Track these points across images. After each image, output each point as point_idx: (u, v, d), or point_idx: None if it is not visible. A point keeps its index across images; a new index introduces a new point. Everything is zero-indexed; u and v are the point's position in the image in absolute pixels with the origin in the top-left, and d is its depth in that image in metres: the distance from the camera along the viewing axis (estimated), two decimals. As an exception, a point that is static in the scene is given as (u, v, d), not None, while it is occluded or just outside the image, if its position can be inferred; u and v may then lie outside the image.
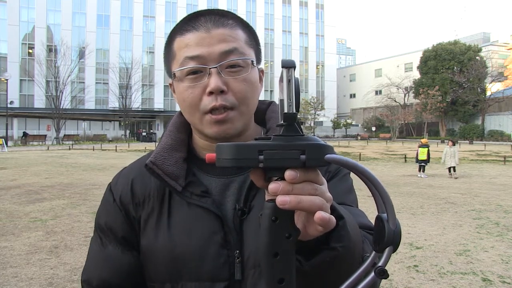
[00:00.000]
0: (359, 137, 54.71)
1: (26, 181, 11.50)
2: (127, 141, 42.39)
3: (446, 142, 14.78)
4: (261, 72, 0.85)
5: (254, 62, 0.79)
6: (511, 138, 41.41)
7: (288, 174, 0.46)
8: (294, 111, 0.47)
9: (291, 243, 0.48)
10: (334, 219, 0.50)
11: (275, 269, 0.47)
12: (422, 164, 13.43)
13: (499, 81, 51.50)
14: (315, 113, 54.81)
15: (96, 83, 52.66)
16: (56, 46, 47.74)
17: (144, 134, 47.42)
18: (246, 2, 59.72)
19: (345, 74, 74.52)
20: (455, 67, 49.15)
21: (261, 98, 0.89)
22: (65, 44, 44.89)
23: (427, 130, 50.24)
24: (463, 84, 47.39)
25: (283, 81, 0.47)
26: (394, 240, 0.48)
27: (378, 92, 61.76)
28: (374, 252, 0.51)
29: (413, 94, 53.34)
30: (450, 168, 13.18)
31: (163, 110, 53.51)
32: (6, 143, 29.49)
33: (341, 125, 58.11)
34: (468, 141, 42.15)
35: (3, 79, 38.10)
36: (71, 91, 45.24)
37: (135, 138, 48.07)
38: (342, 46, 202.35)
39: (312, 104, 53.70)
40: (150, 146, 31.20)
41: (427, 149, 13.41)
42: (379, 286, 0.74)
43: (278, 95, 0.50)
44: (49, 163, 17.37)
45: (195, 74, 0.75)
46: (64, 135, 41.39)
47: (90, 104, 50.75)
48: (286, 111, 0.47)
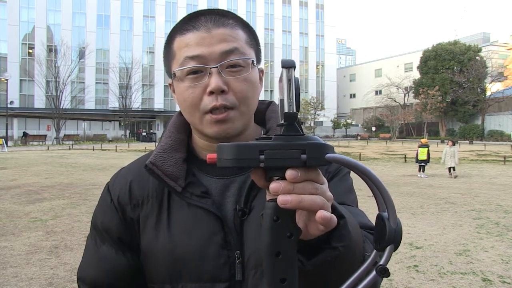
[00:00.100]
0: (359, 137, 54.70)
1: (26, 181, 11.50)
2: (127, 141, 42.38)
3: (446, 142, 14.77)
4: (261, 72, 0.84)
5: (255, 62, 0.79)
6: (511, 138, 41.41)
7: (289, 174, 0.46)
8: (295, 111, 0.47)
9: (293, 243, 0.48)
10: (335, 218, 0.50)
11: (277, 269, 0.47)
12: (422, 164, 13.43)
13: (499, 81, 51.50)
14: (315, 113, 54.80)
15: (96, 83, 52.67)
16: (56, 46, 47.75)
17: (144, 134, 47.40)
18: (246, 2, 59.72)
19: (345, 74, 74.52)
20: (455, 67, 49.15)
21: (261, 98, 0.89)
22: (65, 44, 44.90)
23: (427, 130, 50.23)
24: (463, 84, 47.39)
25: (283, 81, 0.47)
26: (395, 239, 0.48)
27: (378, 92, 61.76)
28: (375, 251, 0.51)
29: (413, 94, 53.34)
30: (450, 168, 13.19)
31: (163, 110, 53.50)
32: (6, 143, 29.48)
33: (341, 125, 58.11)
34: (468, 141, 42.14)
35: (3, 79, 38.11)
36: (71, 91, 45.24)
37: (135, 138, 48.06)
38: (342, 46, 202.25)
39: (312, 104, 53.69)
40: (150, 146, 31.19)
41: (427, 149, 13.41)
42: (379, 286, 0.75)
43: (278, 95, 0.50)
44: (49, 163, 17.37)
45: (196, 74, 0.75)
46: (64, 135, 41.39)
47: (90, 104, 50.76)
48: (287, 111, 0.47)
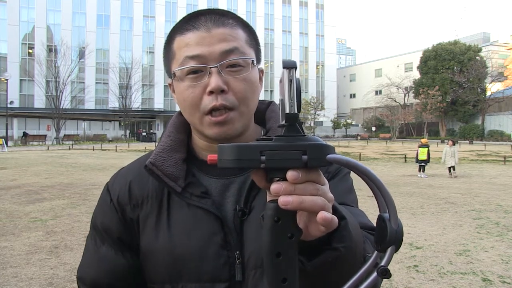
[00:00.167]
0: (359, 137, 54.69)
1: (26, 181, 11.50)
2: (127, 141, 42.38)
3: (446, 142, 14.78)
4: (261, 72, 0.84)
5: (254, 62, 0.79)
6: (511, 138, 41.41)
7: (290, 175, 0.46)
8: (296, 112, 0.47)
9: (294, 243, 0.48)
10: (336, 219, 0.50)
11: (278, 269, 0.47)
12: (422, 164, 13.43)
13: (499, 81, 51.50)
14: (315, 113, 54.81)
15: (96, 83, 52.66)
16: (56, 46, 47.73)
17: (144, 134, 47.38)
18: (246, 2, 59.72)
19: (345, 74, 74.50)
20: (455, 67, 49.14)
21: (261, 98, 0.89)
22: (65, 44, 44.89)
23: (427, 130, 50.23)
24: (463, 84, 47.38)
25: (285, 82, 0.47)
26: (396, 240, 0.48)
27: (378, 92, 61.75)
28: (376, 252, 0.51)
29: (413, 94, 53.32)
30: (450, 168, 13.20)
31: (163, 110, 53.48)
32: (6, 143, 29.48)
33: (341, 125, 58.10)
34: (468, 141, 42.14)
35: (3, 79, 38.10)
36: (71, 91, 45.24)
37: (135, 138, 48.05)
38: (342, 46, 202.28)
39: (312, 104, 53.70)
40: (150, 146, 31.18)
41: (427, 149, 13.41)
42: (380, 287, 0.74)
43: (279, 95, 0.50)
44: (49, 163, 17.37)
45: (196, 74, 0.75)
46: (64, 135, 41.39)
47: (90, 104, 50.75)
48: (288, 112, 0.47)
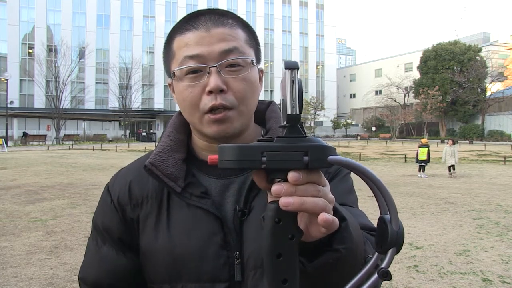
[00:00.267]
0: (359, 137, 54.70)
1: (26, 181, 11.50)
2: (127, 141, 42.38)
3: (446, 142, 14.79)
4: (261, 72, 0.84)
5: (254, 62, 0.79)
6: (511, 138, 41.41)
7: (291, 176, 0.45)
8: (297, 113, 0.47)
9: (294, 245, 0.48)
10: (337, 221, 0.50)
11: (279, 270, 0.47)
12: (422, 164, 13.43)
13: (499, 81, 51.51)
14: (315, 113, 54.82)
15: (96, 83, 52.67)
16: (56, 46, 47.74)
17: (144, 134, 47.40)
18: (246, 2, 59.72)
19: (345, 74, 74.50)
20: (455, 67, 49.15)
21: (261, 98, 0.89)
22: (65, 44, 44.89)
23: (427, 130, 50.23)
24: (463, 84, 47.39)
25: (287, 83, 0.47)
26: (397, 242, 0.48)
27: (378, 92, 61.75)
28: (377, 254, 0.50)
29: (413, 94, 53.34)
30: (450, 167, 13.20)
31: (163, 110, 53.49)
32: (6, 143, 29.48)
33: (341, 125, 58.10)
34: (468, 141, 42.14)
35: (3, 79, 38.10)
36: (71, 91, 45.25)
37: (135, 138, 48.04)
38: (342, 46, 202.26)
39: (312, 104, 53.70)
40: (150, 146, 31.18)
41: (427, 149, 13.41)
42: (380, 287, 0.74)
43: (280, 96, 0.49)
44: (49, 163, 17.37)
45: (195, 73, 0.75)
46: (64, 135, 41.39)
47: (90, 104, 50.76)
48: (289, 112, 0.46)
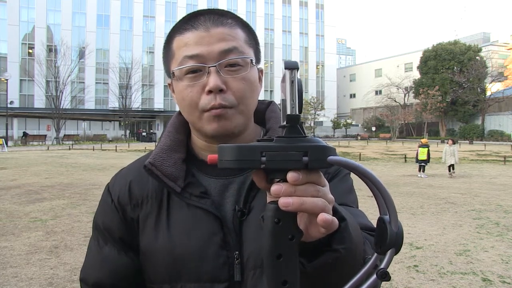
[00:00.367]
0: (359, 137, 54.70)
1: (26, 181, 11.50)
2: (127, 141, 42.37)
3: (446, 142, 14.80)
4: (261, 72, 0.84)
5: (253, 61, 0.79)
6: (511, 138, 41.41)
7: (291, 176, 0.45)
8: (297, 113, 0.47)
9: (294, 245, 0.47)
10: (337, 221, 0.50)
11: (279, 271, 0.47)
12: (422, 164, 13.43)
13: (499, 81, 51.50)
14: (315, 113, 54.82)
15: (96, 83, 52.67)
16: (56, 46, 47.74)
17: (144, 134, 47.39)
18: (246, 2, 59.71)
19: (345, 74, 74.50)
20: (455, 67, 49.14)
21: (261, 98, 0.89)
22: (65, 44, 44.89)
23: (427, 130, 50.22)
24: (463, 84, 47.37)
25: (286, 83, 0.47)
26: (396, 242, 0.48)
27: (378, 92, 61.74)
28: (376, 254, 0.50)
29: (413, 94, 53.32)
30: (450, 167, 13.20)
31: (163, 110, 53.48)
32: (6, 143, 29.47)
33: (341, 125, 58.10)
34: (468, 141, 42.13)
35: (3, 79, 38.09)
36: (71, 91, 45.25)
37: (135, 138, 48.05)
38: (342, 46, 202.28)
39: (312, 104, 53.70)
40: (150, 146, 31.17)
41: (427, 149, 13.41)
42: (380, 287, 0.73)
43: (280, 96, 0.49)
44: (49, 163, 17.37)
45: (194, 73, 0.75)
46: (64, 135, 41.38)
47: (90, 104, 50.76)
48: (289, 113, 0.46)
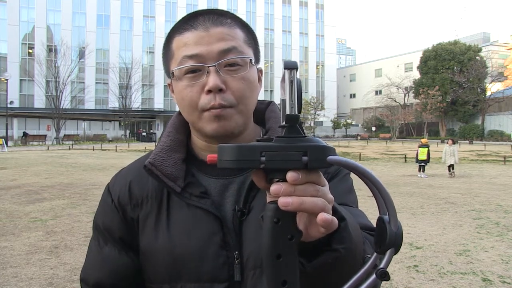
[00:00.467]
0: (359, 137, 54.70)
1: (26, 181, 11.50)
2: (127, 141, 42.37)
3: (446, 141, 14.80)
4: (260, 72, 0.84)
5: (253, 61, 0.79)
6: (511, 138, 41.40)
7: (290, 176, 0.45)
8: (296, 113, 0.47)
9: (294, 245, 0.47)
10: (337, 221, 0.50)
11: (278, 271, 0.47)
12: (422, 164, 13.43)
13: (499, 81, 51.50)
14: (315, 113, 54.83)
15: (96, 83, 52.67)
16: (56, 46, 47.74)
17: (144, 134, 47.40)
18: (246, 2, 59.72)
19: (345, 74, 74.51)
20: (455, 67, 49.14)
21: (261, 98, 0.89)
22: (65, 44, 44.89)
23: (427, 130, 50.22)
24: (463, 84, 47.38)
25: (286, 83, 0.47)
26: (396, 242, 0.48)
27: (378, 92, 61.75)
28: (376, 254, 0.50)
29: (413, 94, 53.33)
30: (450, 167, 13.20)
31: (163, 110, 53.49)
32: (6, 143, 29.47)
33: (341, 125, 58.11)
34: (468, 141, 42.13)
35: (3, 79, 38.09)
36: (71, 91, 45.25)
37: (135, 138, 48.05)
38: (342, 46, 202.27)
39: (312, 104, 53.71)
40: (150, 146, 31.17)
41: (427, 149, 13.41)
42: (380, 287, 0.74)
43: (280, 96, 0.49)
44: (49, 163, 17.37)
45: (194, 73, 0.75)
46: (64, 135, 41.38)
47: (90, 104, 50.76)
48: (288, 113, 0.47)
